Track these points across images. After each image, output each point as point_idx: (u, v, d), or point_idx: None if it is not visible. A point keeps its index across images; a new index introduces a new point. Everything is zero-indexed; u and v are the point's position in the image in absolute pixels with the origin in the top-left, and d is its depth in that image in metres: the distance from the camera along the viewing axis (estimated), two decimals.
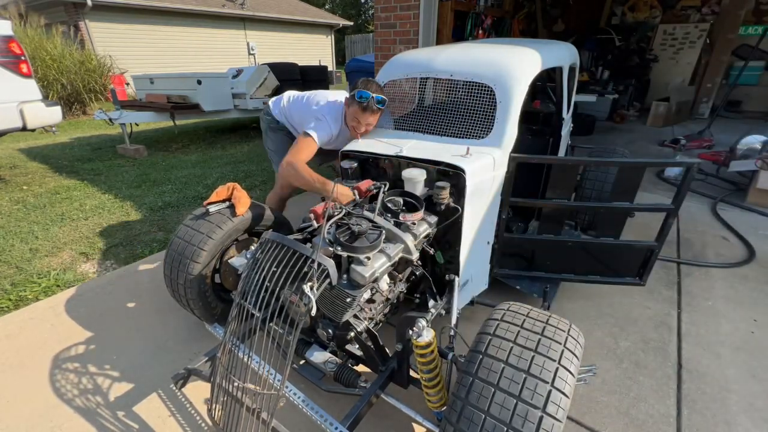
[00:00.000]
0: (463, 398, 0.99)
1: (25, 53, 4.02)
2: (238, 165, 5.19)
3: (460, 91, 1.92)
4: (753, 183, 3.58)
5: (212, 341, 1.93)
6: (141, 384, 1.74)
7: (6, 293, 2.41)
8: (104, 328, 2.09)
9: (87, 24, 10.74)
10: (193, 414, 1.59)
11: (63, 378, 1.78)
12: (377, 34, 4.37)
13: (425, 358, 1.22)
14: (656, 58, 8.06)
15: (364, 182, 1.73)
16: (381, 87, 2.02)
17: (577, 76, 3.10)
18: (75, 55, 8.90)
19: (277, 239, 1.33)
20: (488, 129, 1.83)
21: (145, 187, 4.32)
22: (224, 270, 1.81)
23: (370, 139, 2.03)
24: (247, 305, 1.28)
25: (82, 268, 2.71)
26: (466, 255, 1.73)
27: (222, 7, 13.63)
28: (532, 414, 0.89)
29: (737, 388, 1.68)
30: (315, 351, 1.50)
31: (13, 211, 3.60)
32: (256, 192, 4.17)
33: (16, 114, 3.92)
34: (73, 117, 8.97)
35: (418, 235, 1.53)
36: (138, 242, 3.07)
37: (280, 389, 1.12)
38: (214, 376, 1.28)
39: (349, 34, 23.92)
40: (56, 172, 4.83)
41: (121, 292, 2.39)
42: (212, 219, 1.76)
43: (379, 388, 1.38)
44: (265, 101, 6.27)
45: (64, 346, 1.96)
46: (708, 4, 7.45)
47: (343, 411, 1.33)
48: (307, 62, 8.54)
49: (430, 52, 2.20)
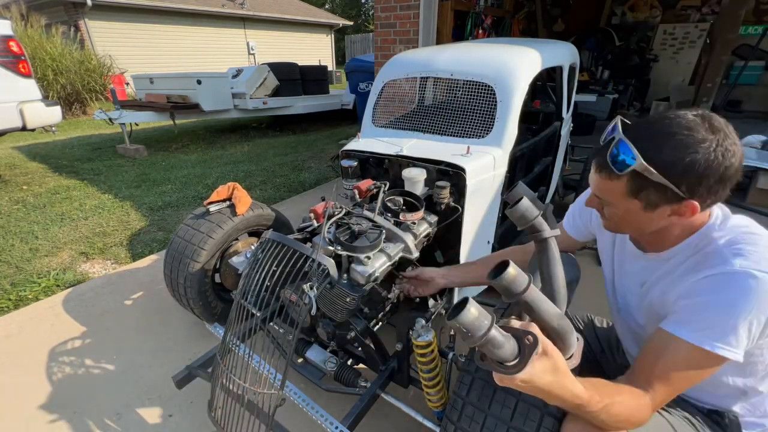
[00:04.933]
0: (465, 397, 0.99)
1: (24, 53, 4.02)
2: (238, 165, 5.19)
3: (461, 91, 1.92)
4: (753, 183, 3.57)
5: (212, 341, 1.93)
6: (141, 384, 1.74)
7: (6, 293, 2.41)
8: (104, 327, 2.09)
9: (87, 23, 10.74)
10: (194, 414, 1.59)
11: (63, 378, 1.78)
12: (377, 34, 4.37)
13: (425, 358, 1.22)
14: (656, 57, 8.06)
15: (364, 182, 1.73)
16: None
17: (577, 75, 3.10)
18: (75, 55, 8.89)
19: (278, 239, 1.33)
20: (488, 128, 1.83)
21: (145, 186, 4.32)
22: (224, 269, 1.81)
23: (371, 138, 2.03)
24: (248, 305, 1.28)
25: (81, 268, 2.71)
26: (466, 254, 1.73)
27: (222, 6, 13.63)
28: (533, 413, 0.90)
29: None
30: (315, 350, 1.50)
31: (13, 211, 3.59)
32: (256, 192, 4.17)
33: (15, 114, 3.92)
34: (72, 117, 8.97)
35: (418, 234, 1.53)
36: (138, 242, 3.07)
37: (281, 389, 1.12)
38: (214, 376, 1.28)
39: (349, 33, 23.93)
40: (56, 172, 4.82)
41: (121, 292, 2.39)
42: (212, 218, 1.76)
43: (379, 387, 1.38)
44: (265, 101, 6.36)
45: (64, 346, 1.96)
46: (708, 4, 7.45)
47: (343, 410, 1.33)
48: (307, 62, 8.54)
49: (430, 52, 2.20)
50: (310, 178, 4.64)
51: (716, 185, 0.73)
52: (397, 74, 2.17)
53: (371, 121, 2.21)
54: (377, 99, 2.22)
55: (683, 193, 0.74)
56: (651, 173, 0.73)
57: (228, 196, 1.85)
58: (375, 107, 2.22)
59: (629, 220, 0.84)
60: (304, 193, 4.18)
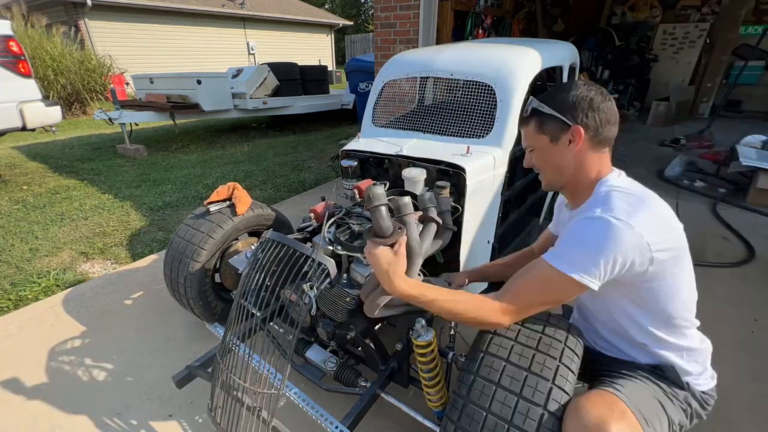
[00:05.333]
0: (465, 396, 0.99)
1: (24, 53, 4.01)
2: (238, 165, 5.19)
3: (461, 91, 1.92)
4: (753, 183, 3.58)
5: (212, 341, 1.93)
6: (141, 383, 1.74)
7: (6, 293, 2.41)
8: (104, 327, 2.09)
9: (87, 23, 10.74)
10: (194, 414, 1.59)
11: (63, 378, 1.78)
12: (377, 34, 4.37)
13: (425, 358, 1.21)
14: (656, 57, 8.06)
15: (364, 182, 1.73)
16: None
17: (577, 75, 3.10)
18: (75, 55, 8.89)
19: (278, 238, 1.33)
20: (488, 128, 1.83)
21: (145, 186, 4.32)
22: (224, 269, 1.81)
23: (371, 138, 2.03)
24: (248, 305, 1.28)
25: (81, 268, 2.71)
26: (466, 254, 1.73)
27: (222, 6, 13.63)
28: (534, 411, 0.90)
29: (737, 388, 1.68)
30: (315, 350, 1.50)
31: (13, 211, 3.59)
32: (256, 192, 4.17)
33: (15, 114, 3.92)
34: (72, 117, 8.97)
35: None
36: (138, 242, 3.07)
37: (281, 388, 1.12)
38: (214, 376, 1.28)
39: (349, 33, 23.93)
40: (56, 172, 4.82)
41: (121, 292, 2.39)
42: (213, 218, 1.76)
43: (379, 387, 1.38)
44: (265, 101, 6.36)
45: (64, 346, 1.96)
46: (708, 4, 7.45)
47: (343, 410, 1.33)
48: (307, 62, 8.54)
49: (430, 52, 2.20)
50: (310, 178, 4.64)
51: (590, 112, 0.97)
52: (397, 74, 2.17)
53: (371, 121, 2.21)
54: (377, 99, 2.22)
55: (568, 120, 0.99)
56: (543, 107, 1.02)
57: (228, 196, 1.85)
58: (375, 107, 2.22)
59: (546, 159, 1.07)
60: (304, 193, 4.18)
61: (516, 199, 2.29)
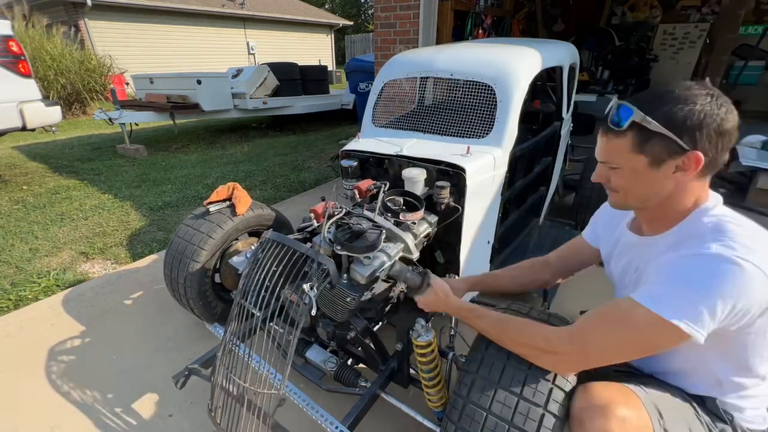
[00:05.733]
0: (465, 396, 0.99)
1: (24, 53, 4.01)
2: (238, 165, 5.19)
3: (461, 91, 1.92)
4: (753, 183, 3.57)
5: (212, 341, 1.93)
6: (141, 384, 1.74)
7: (6, 293, 2.41)
8: (104, 327, 2.09)
9: (87, 23, 10.74)
10: (194, 414, 1.59)
11: (63, 378, 1.78)
12: (377, 34, 4.37)
13: (425, 358, 1.21)
14: (656, 57, 8.05)
15: (364, 182, 1.72)
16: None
17: (577, 75, 3.10)
18: (75, 55, 8.89)
19: (278, 239, 1.33)
20: (488, 128, 1.83)
21: (145, 186, 4.32)
22: (224, 269, 1.81)
23: (370, 138, 2.03)
24: (248, 305, 1.28)
25: (81, 268, 2.71)
26: (466, 254, 1.73)
27: (222, 6, 13.63)
28: (534, 412, 0.89)
29: None
30: (315, 350, 1.50)
31: (13, 211, 3.59)
32: (256, 192, 4.17)
33: (15, 114, 3.91)
34: (72, 117, 8.97)
35: (418, 234, 1.53)
36: (138, 242, 3.07)
37: (281, 389, 1.12)
38: (214, 376, 1.28)
39: (349, 33, 23.93)
40: (56, 172, 4.82)
41: (121, 292, 2.39)
42: (212, 218, 1.76)
43: (379, 387, 1.38)
44: (265, 101, 6.35)
45: (64, 346, 1.96)
46: (708, 4, 7.45)
47: (343, 410, 1.33)
48: (307, 62, 8.54)
49: (430, 52, 2.20)
50: (310, 178, 4.64)
51: (716, 137, 0.76)
52: (397, 74, 2.17)
53: (371, 121, 2.21)
54: (377, 99, 2.22)
55: (685, 144, 0.76)
56: (650, 123, 0.77)
57: (228, 196, 1.85)
58: (375, 107, 2.21)
59: (635, 183, 0.86)
60: (304, 193, 4.18)
61: (516, 199, 2.29)
